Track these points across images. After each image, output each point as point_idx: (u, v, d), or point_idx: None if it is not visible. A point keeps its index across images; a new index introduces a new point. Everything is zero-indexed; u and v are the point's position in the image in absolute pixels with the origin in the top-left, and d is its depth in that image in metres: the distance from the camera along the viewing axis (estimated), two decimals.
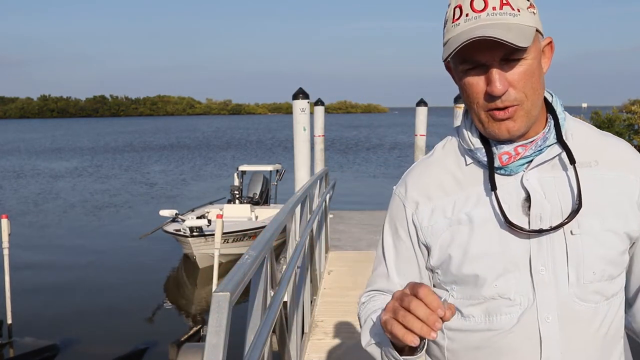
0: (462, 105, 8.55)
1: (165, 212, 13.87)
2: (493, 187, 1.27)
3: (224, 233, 10.97)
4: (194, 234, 13.10)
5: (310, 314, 5.81)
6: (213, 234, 10.58)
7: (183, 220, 13.43)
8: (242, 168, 17.24)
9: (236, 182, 16.77)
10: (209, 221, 12.83)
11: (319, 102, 13.48)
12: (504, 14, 1.17)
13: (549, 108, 1.31)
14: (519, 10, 1.18)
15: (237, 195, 16.20)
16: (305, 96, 10.48)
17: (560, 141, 1.27)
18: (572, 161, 1.24)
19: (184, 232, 13.17)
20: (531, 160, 1.26)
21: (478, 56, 1.19)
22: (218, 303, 1.55)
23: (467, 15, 1.19)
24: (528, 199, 1.26)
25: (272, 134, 79.91)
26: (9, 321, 9.42)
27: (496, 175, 1.28)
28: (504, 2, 1.18)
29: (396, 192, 1.42)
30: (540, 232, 1.24)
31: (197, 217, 13.84)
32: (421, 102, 15.63)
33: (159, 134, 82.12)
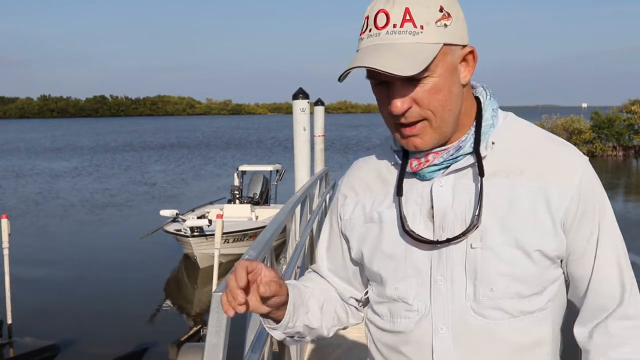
0: None
1: (166, 212, 13.88)
2: (399, 192, 1.25)
3: (224, 233, 10.97)
4: (195, 233, 13.11)
5: None
6: (213, 234, 10.58)
7: (183, 220, 13.43)
8: (242, 168, 17.25)
9: (236, 182, 16.78)
10: (210, 221, 12.84)
11: (319, 102, 13.47)
12: (404, 32, 1.11)
13: (480, 114, 1.25)
14: (422, 28, 1.12)
15: (237, 195, 16.21)
16: (305, 96, 10.48)
17: (476, 151, 1.20)
18: (481, 173, 1.18)
19: (185, 232, 13.17)
20: (448, 166, 1.22)
21: (378, 75, 1.14)
22: (218, 303, 1.55)
23: (370, 30, 1.15)
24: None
25: (272, 134, 79.95)
26: (9, 321, 9.43)
27: (413, 179, 1.26)
28: (407, 18, 1.12)
29: (338, 183, 1.45)
30: (437, 243, 1.20)
31: (198, 217, 13.85)
32: None
33: (159, 134, 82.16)
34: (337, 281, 1.43)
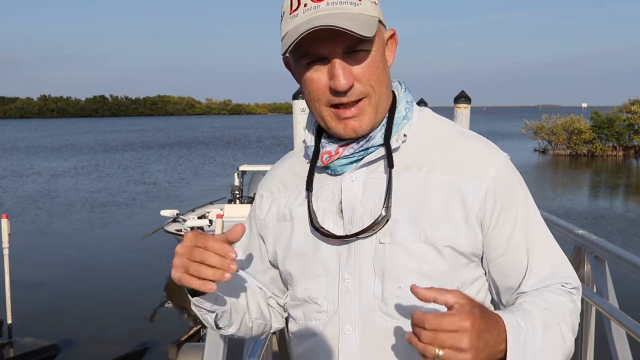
0: (462, 105, 8.41)
1: (166, 212, 13.90)
2: (308, 187, 1.21)
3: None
4: None
5: None
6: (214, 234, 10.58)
7: (184, 220, 13.44)
8: (242, 168, 17.25)
9: (236, 182, 16.79)
10: (210, 221, 12.85)
11: None
12: (345, 3, 1.09)
13: (393, 106, 1.21)
14: (360, 0, 1.10)
15: (238, 195, 16.21)
16: None
17: (386, 142, 1.16)
18: (390, 165, 1.14)
19: (186, 232, 13.17)
20: (360, 159, 1.17)
21: (319, 49, 1.09)
22: None
23: (305, 5, 1.10)
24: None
25: (272, 133, 79.92)
26: (9, 321, 9.42)
27: (324, 175, 1.21)
28: None
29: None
30: (346, 238, 1.15)
31: (198, 217, 13.86)
32: (421, 102, 15.61)
33: (159, 134, 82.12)
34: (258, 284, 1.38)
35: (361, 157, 1.17)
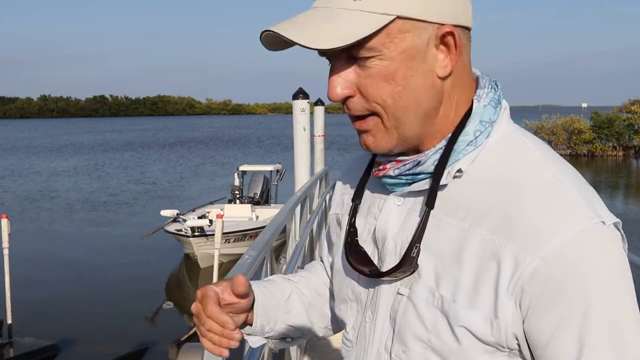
0: None
1: (167, 212, 13.90)
2: (354, 198, 1.03)
3: (224, 233, 10.96)
4: (196, 234, 13.11)
5: None
6: (214, 234, 10.59)
7: (184, 220, 13.45)
8: (242, 168, 17.25)
9: (236, 182, 16.79)
10: (210, 221, 12.85)
11: (319, 102, 13.47)
12: None
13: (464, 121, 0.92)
14: None
15: (238, 195, 16.22)
16: (305, 96, 10.47)
17: (435, 174, 0.90)
18: (429, 205, 0.89)
19: (186, 232, 13.18)
20: (410, 183, 0.93)
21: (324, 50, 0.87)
22: None
23: None
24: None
25: (272, 133, 79.92)
26: (9, 321, 9.43)
27: (378, 185, 1.00)
28: None
29: None
30: (369, 276, 0.95)
31: (198, 217, 13.86)
32: None
33: (159, 134, 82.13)
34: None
35: (410, 181, 0.93)
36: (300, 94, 10.44)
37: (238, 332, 0.93)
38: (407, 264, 0.89)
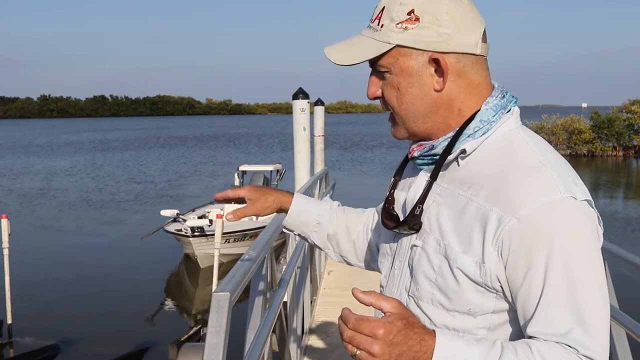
0: None
1: (167, 212, 13.91)
2: (396, 174, 1.37)
3: (224, 233, 10.97)
4: (196, 233, 13.12)
5: (310, 314, 5.81)
6: (214, 234, 10.60)
7: (184, 220, 13.45)
8: (242, 168, 17.25)
9: (236, 182, 16.80)
10: (210, 221, 12.86)
11: (318, 102, 13.47)
12: (370, 28, 1.21)
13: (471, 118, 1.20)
14: (382, 26, 1.18)
15: None
16: (305, 96, 10.47)
17: (443, 154, 1.19)
18: (433, 177, 1.20)
19: (186, 232, 13.19)
20: (432, 163, 1.23)
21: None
22: (218, 303, 1.55)
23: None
24: None
25: (272, 133, 79.98)
26: (9, 321, 9.44)
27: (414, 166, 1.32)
28: (379, 15, 1.20)
29: None
30: (389, 228, 1.27)
31: (198, 217, 13.87)
32: None
33: (159, 134, 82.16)
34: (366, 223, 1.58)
35: (431, 161, 1.23)
36: (300, 94, 10.44)
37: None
38: (411, 219, 1.20)
